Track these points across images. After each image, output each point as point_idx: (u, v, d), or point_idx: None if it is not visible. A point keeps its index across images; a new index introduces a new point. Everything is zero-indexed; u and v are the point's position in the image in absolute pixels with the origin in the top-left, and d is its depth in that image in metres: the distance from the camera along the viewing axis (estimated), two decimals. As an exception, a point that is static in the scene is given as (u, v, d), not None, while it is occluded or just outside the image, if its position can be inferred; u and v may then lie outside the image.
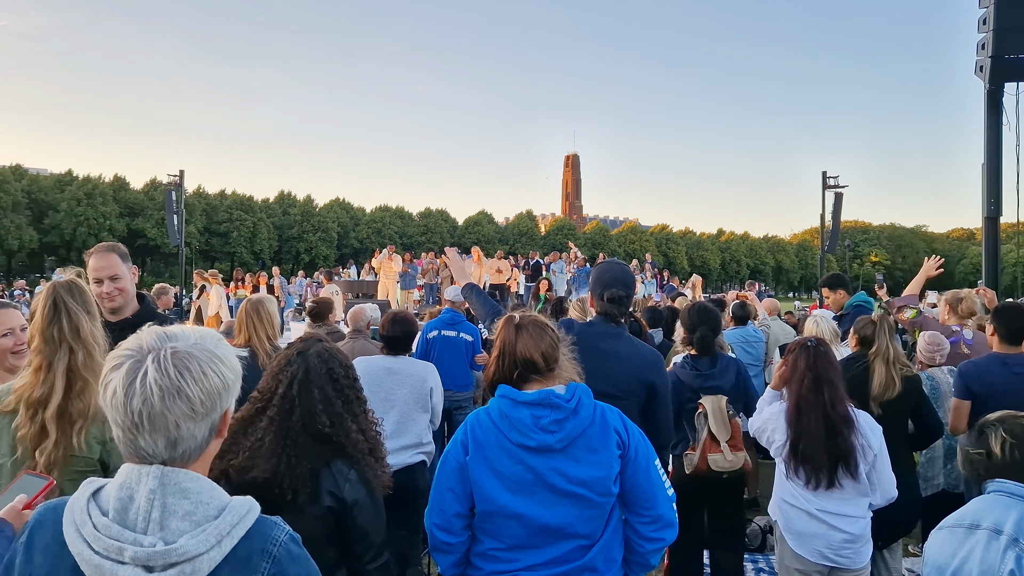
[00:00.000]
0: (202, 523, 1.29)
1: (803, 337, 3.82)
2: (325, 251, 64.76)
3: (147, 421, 1.27)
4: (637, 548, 2.31)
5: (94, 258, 3.19)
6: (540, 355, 2.28)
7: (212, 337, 1.39)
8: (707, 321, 4.39)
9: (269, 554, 1.35)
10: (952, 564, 2.12)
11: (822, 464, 3.33)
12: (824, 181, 21.31)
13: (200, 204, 59.28)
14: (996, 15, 9.86)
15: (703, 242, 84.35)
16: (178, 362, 1.30)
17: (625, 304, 3.27)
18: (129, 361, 1.29)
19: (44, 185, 56.05)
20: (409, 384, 4.26)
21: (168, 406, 1.27)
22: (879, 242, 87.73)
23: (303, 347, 2.44)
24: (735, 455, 3.96)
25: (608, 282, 3.27)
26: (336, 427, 2.33)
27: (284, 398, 2.32)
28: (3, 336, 2.72)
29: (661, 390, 3.23)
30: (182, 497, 1.30)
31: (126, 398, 1.27)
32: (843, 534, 3.36)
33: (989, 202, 10.52)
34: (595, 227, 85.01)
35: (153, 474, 1.29)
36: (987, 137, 10.49)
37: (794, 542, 3.46)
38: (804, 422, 3.38)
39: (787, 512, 3.51)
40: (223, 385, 1.35)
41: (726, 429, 3.99)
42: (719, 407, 4.05)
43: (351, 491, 2.27)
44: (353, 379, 2.47)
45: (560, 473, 2.18)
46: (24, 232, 51.89)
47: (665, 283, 22.12)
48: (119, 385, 1.28)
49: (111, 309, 3.20)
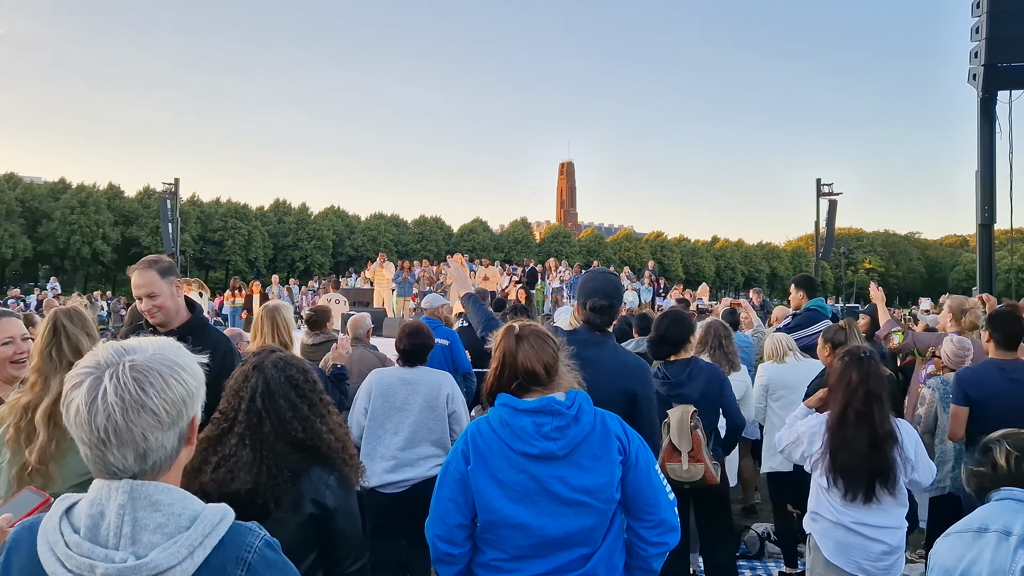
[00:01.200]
0: (174, 535, 1.28)
1: (854, 346, 3.75)
2: (320, 259, 64.60)
3: (113, 436, 1.26)
4: (640, 553, 2.31)
5: (135, 275, 3.16)
6: (542, 366, 2.27)
7: (171, 346, 1.39)
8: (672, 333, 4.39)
9: (244, 561, 1.34)
10: (960, 566, 2.13)
11: (862, 478, 3.31)
12: (818, 188, 21.44)
13: (195, 212, 59.09)
14: (989, 24, 9.93)
15: (698, 249, 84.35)
16: (137, 375, 1.29)
17: (608, 313, 3.27)
18: (88, 378, 1.29)
19: (38, 193, 55.79)
20: (424, 392, 4.27)
21: (133, 419, 1.27)
22: (873, 249, 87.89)
23: (257, 361, 2.43)
24: (693, 466, 3.98)
25: (591, 291, 3.27)
26: (308, 431, 2.34)
27: (249, 412, 2.32)
28: (3, 344, 2.71)
29: (643, 399, 3.20)
30: (153, 510, 1.29)
31: (89, 415, 1.26)
32: (882, 545, 3.34)
33: (983, 209, 10.58)
34: (590, 234, 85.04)
35: (123, 489, 1.28)
36: (980, 145, 10.55)
37: (829, 552, 3.44)
38: (849, 434, 3.34)
39: (822, 524, 3.49)
40: (187, 393, 1.34)
41: (687, 441, 4.00)
42: (683, 418, 4.05)
43: (331, 496, 2.28)
44: (313, 382, 2.47)
45: (563, 481, 2.18)
46: (18, 241, 51.64)
47: (661, 290, 22.12)
48: (81, 403, 1.27)
49: (156, 324, 3.20)
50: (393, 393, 4.25)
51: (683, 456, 3.98)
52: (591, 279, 3.40)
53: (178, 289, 3.26)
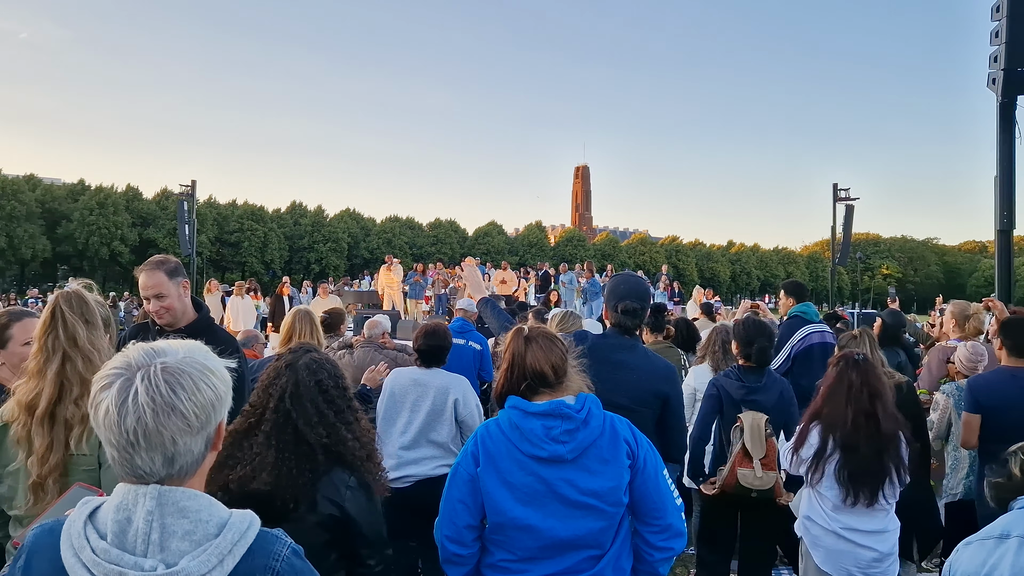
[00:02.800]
0: (202, 542, 1.27)
1: (847, 351, 3.75)
2: (335, 261, 64.91)
3: (143, 439, 1.25)
4: (647, 557, 2.31)
5: (142, 276, 3.19)
6: (550, 367, 2.28)
7: (201, 349, 1.38)
8: (764, 334, 4.29)
9: (272, 570, 1.34)
10: (981, 572, 2.12)
11: (866, 483, 3.30)
12: (835, 193, 21.26)
13: (211, 214, 59.54)
14: (1009, 28, 9.83)
15: (713, 254, 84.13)
16: (169, 377, 1.28)
17: (639, 316, 3.27)
18: (119, 379, 1.27)
19: (57, 195, 56.49)
20: (432, 395, 4.27)
21: (163, 422, 1.26)
22: (890, 254, 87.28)
23: (291, 359, 2.44)
24: (766, 474, 3.84)
25: (622, 294, 3.27)
26: (331, 437, 2.35)
27: (276, 411, 2.34)
28: (25, 344, 2.72)
29: (675, 402, 3.21)
30: (181, 516, 1.28)
31: (119, 417, 1.25)
32: (872, 552, 3.32)
33: (1002, 215, 10.46)
34: (605, 238, 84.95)
35: (150, 494, 1.27)
36: (999, 150, 10.44)
37: (821, 559, 3.42)
38: (855, 439, 3.32)
39: (813, 530, 3.48)
40: (216, 397, 1.34)
41: (761, 447, 3.89)
42: (757, 424, 3.95)
43: (351, 498, 2.29)
44: (343, 388, 2.48)
45: (571, 484, 2.18)
46: (37, 241, 52.26)
47: (676, 294, 22.04)
48: (111, 404, 1.26)
49: (164, 324, 3.22)
50: (404, 393, 4.28)
51: (755, 463, 3.87)
52: (622, 282, 3.39)
53: (186, 290, 3.28)
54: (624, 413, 2.40)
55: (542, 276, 22.88)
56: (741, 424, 3.99)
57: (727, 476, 3.94)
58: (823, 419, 3.46)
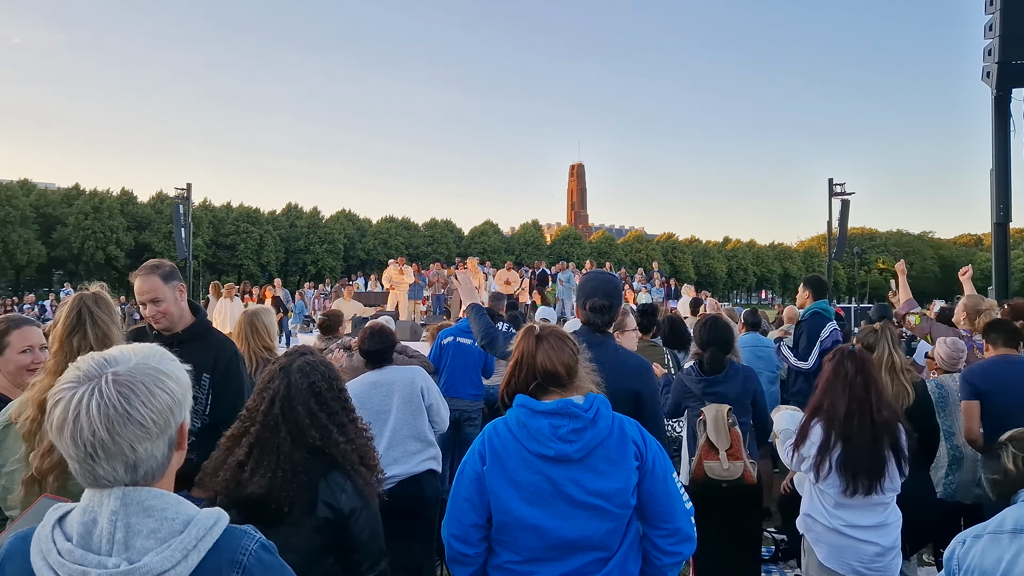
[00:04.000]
0: (167, 539, 1.28)
1: (843, 345, 3.81)
2: (332, 263, 64.84)
3: (100, 450, 1.26)
4: (655, 561, 2.29)
5: (137, 280, 3.17)
6: (562, 366, 2.27)
7: (155, 354, 1.38)
8: (716, 340, 4.37)
9: (239, 564, 1.34)
10: (1000, 568, 2.12)
11: (863, 472, 3.30)
12: (831, 188, 21.32)
13: (207, 217, 59.44)
14: (1003, 21, 9.87)
15: (709, 250, 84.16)
16: (121, 387, 1.28)
17: (608, 313, 3.27)
18: (71, 392, 1.27)
19: (52, 199, 56.34)
20: (399, 390, 4.23)
21: (119, 432, 1.26)
22: (886, 249, 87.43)
23: (286, 362, 2.44)
24: (732, 464, 3.93)
25: (590, 291, 3.29)
26: (325, 440, 2.34)
27: (268, 415, 2.33)
28: (22, 352, 2.72)
29: (647, 398, 3.16)
30: (146, 516, 1.28)
31: (75, 429, 1.25)
32: (875, 547, 3.32)
33: (998, 208, 10.51)
34: (601, 236, 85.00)
35: (115, 495, 1.28)
36: (995, 143, 10.48)
37: (823, 555, 3.43)
38: (852, 428, 3.34)
39: (814, 527, 3.48)
40: (173, 401, 1.34)
41: (725, 438, 3.96)
42: (720, 415, 4.02)
43: (347, 501, 2.29)
44: (338, 390, 2.47)
45: (578, 484, 2.16)
46: (32, 246, 52.14)
47: (673, 291, 22.05)
48: (66, 418, 1.26)
49: (160, 328, 3.21)
50: (368, 399, 4.16)
51: (721, 454, 3.94)
52: (590, 280, 3.41)
53: (181, 294, 3.27)
54: None
55: (539, 275, 22.88)
56: (704, 417, 4.04)
57: (695, 469, 4.01)
58: (823, 413, 3.46)
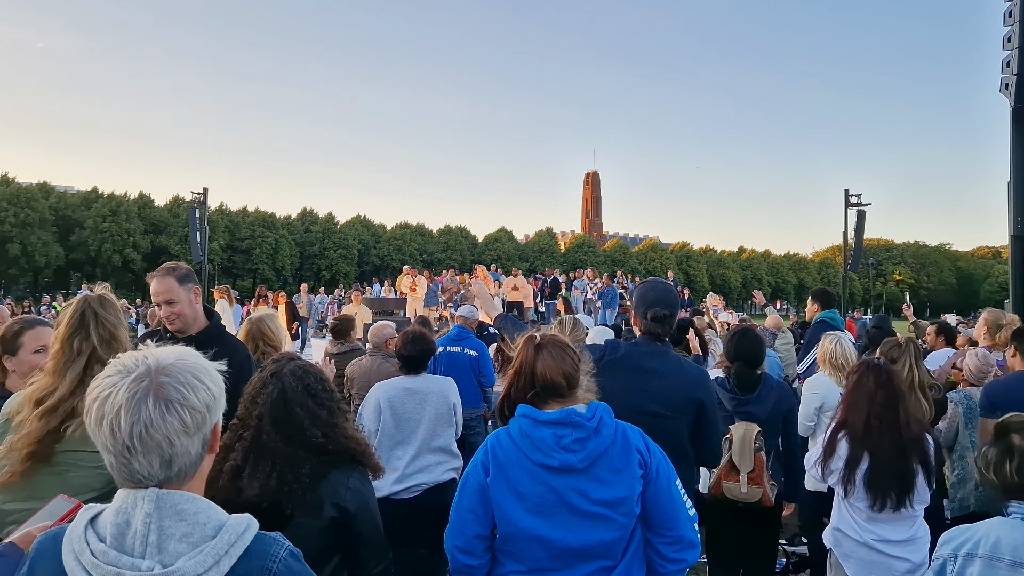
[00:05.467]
0: (200, 544, 1.29)
1: (866, 358, 3.78)
2: (346, 268, 65.09)
3: (139, 443, 1.27)
4: (659, 569, 2.28)
5: (154, 282, 3.21)
6: (562, 376, 2.25)
7: (192, 353, 1.41)
8: (744, 354, 4.23)
9: (269, 571, 1.36)
10: None
11: (892, 486, 3.25)
12: (846, 199, 21.18)
13: (223, 221, 59.88)
14: (1021, 33, 9.79)
15: (724, 260, 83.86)
16: (164, 379, 1.31)
17: (669, 323, 3.26)
18: (114, 385, 1.30)
19: (70, 202, 57.01)
20: (433, 402, 4.26)
21: (159, 425, 1.28)
22: (903, 260, 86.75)
23: (276, 368, 2.44)
24: (751, 488, 3.86)
25: (652, 301, 3.26)
26: (329, 436, 2.36)
27: (262, 420, 2.33)
28: (35, 352, 2.73)
29: (710, 408, 3.19)
30: (179, 519, 1.29)
31: (115, 421, 1.27)
32: (906, 563, 3.28)
33: (1016, 220, 10.40)
34: (615, 244, 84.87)
35: (148, 497, 1.29)
36: (1013, 155, 10.38)
37: (853, 571, 3.38)
38: (875, 442, 3.30)
39: (844, 543, 3.43)
40: (211, 399, 1.36)
41: (749, 461, 3.88)
42: (747, 437, 3.92)
43: (352, 499, 2.31)
44: (330, 390, 2.49)
45: (582, 494, 2.15)
46: (51, 249, 52.75)
47: (687, 301, 21.99)
48: (107, 409, 1.28)
49: (175, 330, 3.24)
50: (401, 405, 4.21)
51: (742, 476, 3.86)
52: (652, 288, 3.38)
53: (196, 296, 3.29)
54: (659, 420, 2.39)
55: (551, 282, 22.85)
56: (731, 436, 3.96)
57: (713, 486, 3.95)
58: (848, 428, 3.42)
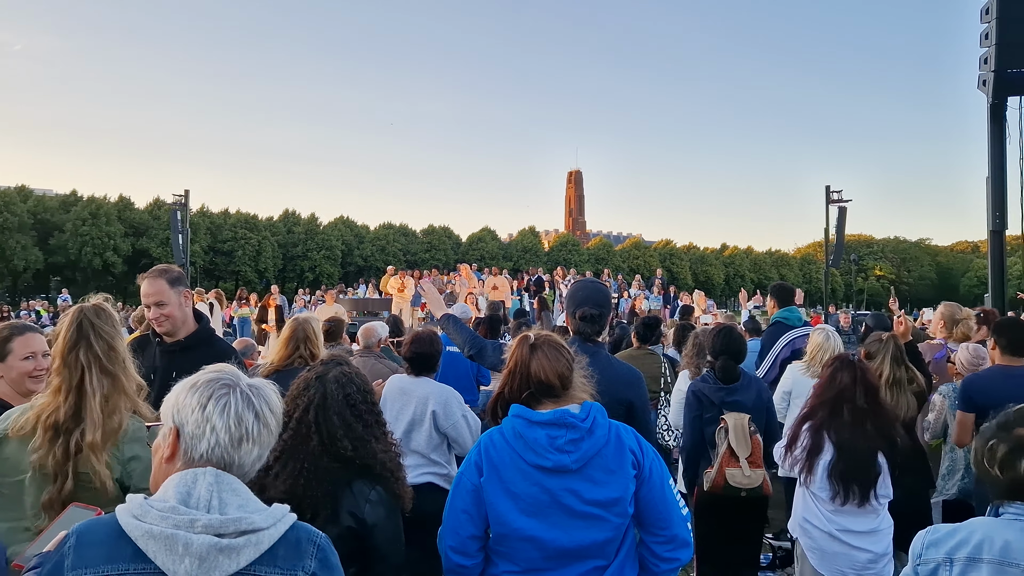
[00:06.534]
0: (257, 511, 1.48)
1: (840, 353, 3.82)
2: (329, 269, 64.69)
3: (239, 443, 1.51)
4: (652, 568, 2.29)
5: (144, 283, 3.20)
6: (556, 376, 2.26)
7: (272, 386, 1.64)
8: (730, 349, 4.32)
9: (315, 543, 1.55)
10: None
11: (854, 480, 3.31)
12: (828, 195, 21.35)
13: (204, 223, 59.28)
14: (998, 30, 9.93)
15: (707, 257, 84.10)
16: (256, 392, 1.55)
17: (598, 322, 3.26)
18: (224, 393, 1.52)
19: (49, 206, 56.21)
20: (413, 405, 4.25)
21: (259, 430, 1.53)
22: (884, 255, 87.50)
23: (322, 371, 2.44)
24: (754, 471, 3.90)
25: (580, 301, 3.28)
26: (359, 450, 2.35)
27: (301, 422, 2.34)
28: (24, 359, 2.72)
29: (639, 408, 3.18)
30: (234, 494, 1.49)
31: (225, 421, 1.49)
32: (867, 554, 3.34)
33: (994, 215, 10.55)
34: (599, 243, 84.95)
35: (210, 472, 1.49)
36: (991, 150, 10.53)
37: (816, 561, 3.44)
38: (843, 436, 3.35)
39: (809, 532, 3.49)
40: (281, 412, 1.62)
41: (746, 445, 3.94)
42: (741, 423, 4.01)
43: (371, 511, 2.29)
44: (371, 403, 2.48)
45: (575, 494, 2.16)
46: (30, 253, 51.98)
47: (672, 298, 22.06)
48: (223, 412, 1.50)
49: (163, 332, 3.22)
50: (392, 403, 4.23)
51: (742, 461, 3.92)
52: (580, 288, 3.40)
53: (187, 300, 3.28)
54: None
55: (535, 281, 22.89)
56: (725, 425, 4.03)
57: (716, 477, 3.98)
58: (815, 418, 3.49)
